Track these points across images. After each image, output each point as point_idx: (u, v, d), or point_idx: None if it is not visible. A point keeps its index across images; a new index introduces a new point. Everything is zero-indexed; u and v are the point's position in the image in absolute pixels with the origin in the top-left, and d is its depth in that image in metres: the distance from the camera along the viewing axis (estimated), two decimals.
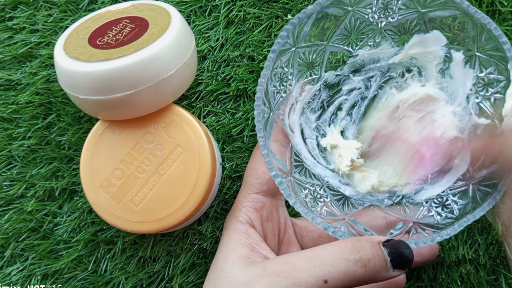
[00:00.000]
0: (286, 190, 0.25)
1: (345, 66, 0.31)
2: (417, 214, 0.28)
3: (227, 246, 0.27)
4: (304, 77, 0.30)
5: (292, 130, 0.30)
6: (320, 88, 0.31)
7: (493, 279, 0.33)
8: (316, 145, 0.31)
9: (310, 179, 0.29)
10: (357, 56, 0.31)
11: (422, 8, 0.28)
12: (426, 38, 0.29)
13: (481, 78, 0.28)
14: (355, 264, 0.23)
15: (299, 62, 0.29)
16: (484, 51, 0.27)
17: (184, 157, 0.30)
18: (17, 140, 0.36)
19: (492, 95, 0.27)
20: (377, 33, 0.30)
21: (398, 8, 0.28)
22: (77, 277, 0.34)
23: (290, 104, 0.29)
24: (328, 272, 0.23)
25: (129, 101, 0.29)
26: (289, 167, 0.28)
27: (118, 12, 0.33)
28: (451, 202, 0.28)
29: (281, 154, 0.28)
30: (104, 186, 0.30)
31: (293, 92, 0.29)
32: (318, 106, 0.31)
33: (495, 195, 0.25)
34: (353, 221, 0.28)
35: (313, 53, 0.29)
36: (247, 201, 0.29)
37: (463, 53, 0.28)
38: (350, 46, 0.31)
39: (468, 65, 0.28)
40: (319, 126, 0.31)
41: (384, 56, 0.31)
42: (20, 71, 0.37)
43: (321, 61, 0.30)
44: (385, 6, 0.29)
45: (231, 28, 0.35)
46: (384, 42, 0.30)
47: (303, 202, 0.27)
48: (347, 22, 0.29)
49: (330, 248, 0.24)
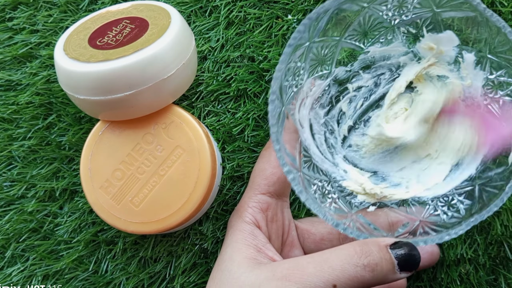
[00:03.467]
0: (298, 186, 0.25)
1: (356, 62, 0.30)
2: (423, 213, 0.28)
3: (233, 247, 0.27)
4: (315, 72, 0.29)
5: (301, 125, 0.29)
6: (329, 84, 0.30)
7: (493, 279, 0.32)
8: (324, 141, 0.30)
9: (318, 175, 0.28)
10: (368, 53, 0.30)
11: (437, 7, 0.27)
12: (438, 38, 0.28)
13: (491, 80, 0.27)
14: (364, 269, 0.23)
15: (312, 57, 0.28)
16: (496, 53, 0.26)
17: (184, 158, 0.29)
18: (17, 140, 0.35)
19: (501, 98, 0.27)
20: (389, 30, 0.29)
21: (413, 6, 0.28)
22: (78, 277, 0.34)
23: (300, 99, 0.29)
24: (337, 277, 0.23)
25: (129, 102, 0.28)
26: (299, 162, 0.28)
27: (118, 13, 0.32)
28: (457, 202, 0.27)
29: (292, 149, 0.27)
30: (104, 187, 0.29)
31: (304, 87, 0.28)
32: (327, 101, 0.31)
33: (503, 197, 0.24)
34: (361, 217, 0.27)
35: (326, 48, 0.29)
36: (253, 202, 0.28)
37: (474, 54, 0.27)
38: (361, 43, 0.30)
39: (479, 67, 0.27)
40: (327, 121, 0.31)
41: (395, 54, 0.30)
42: (20, 72, 0.36)
43: (332, 57, 0.29)
44: (400, 4, 0.28)
45: (231, 28, 0.35)
46: (395, 40, 0.30)
47: (314, 198, 0.26)
48: (361, 18, 0.28)
49: (339, 252, 0.24)
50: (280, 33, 0.34)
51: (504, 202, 0.24)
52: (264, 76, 0.34)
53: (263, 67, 0.34)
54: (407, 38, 0.30)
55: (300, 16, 0.34)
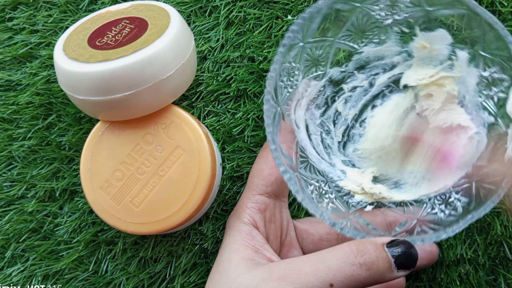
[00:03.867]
0: (295, 186, 0.25)
1: (350, 62, 0.30)
2: (421, 211, 0.27)
3: (231, 247, 0.27)
4: (310, 72, 0.29)
5: (297, 126, 0.29)
6: (325, 84, 0.30)
7: (492, 279, 0.32)
8: (321, 141, 0.30)
9: (315, 175, 0.28)
10: (362, 53, 0.30)
11: (429, 6, 0.27)
12: (431, 36, 0.28)
13: (484, 77, 0.27)
14: (360, 267, 0.23)
15: (306, 57, 0.28)
16: (489, 50, 0.26)
17: (184, 158, 0.29)
18: (17, 140, 0.35)
19: (496, 94, 0.26)
20: (383, 30, 0.29)
21: (405, 5, 0.28)
22: (78, 277, 0.33)
23: (296, 99, 0.28)
24: (333, 276, 0.23)
25: (128, 102, 0.28)
26: (296, 162, 0.27)
27: (118, 13, 0.32)
28: (454, 200, 0.27)
29: (288, 149, 0.27)
30: (104, 187, 0.29)
31: (299, 88, 0.28)
32: (323, 102, 0.30)
33: (500, 192, 0.24)
34: (358, 217, 0.27)
35: (320, 48, 0.29)
36: (251, 202, 0.28)
37: (467, 52, 0.27)
38: (355, 43, 0.30)
39: (473, 64, 0.27)
40: (323, 122, 0.30)
41: (389, 53, 0.30)
42: (20, 72, 0.36)
43: (326, 57, 0.29)
44: (392, 3, 0.28)
45: (231, 29, 0.34)
46: (389, 40, 0.29)
47: (310, 198, 0.26)
48: (354, 18, 0.28)
49: (335, 252, 0.24)
50: (280, 34, 0.34)
51: (501, 198, 0.24)
52: (264, 76, 0.34)
53: (263, 68, 0.33)
54: (401, 37, 0.29)
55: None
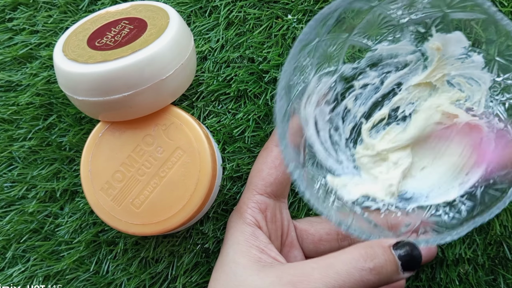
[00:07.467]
0: (303, 184, 0.24)
1: (363, 59, 0.29)
2: (425, 213, 0.27)
3: (235, 248, 0.26)
4: (322, 68, 0.28)
5: (306, 122, 0.28)
6: (336, 81, 0.29)
7: (492, 279, 0.31)
8: (329, 137, 0.29)
9: (321, 172, 0.27)
10: (376, 51, 0.29)
11: (448, 8, 0.26)
12: (447, 38, 0.27)
13: (497, 83, 0.26)
14: (370, 272, 0.22)
15: (319, 54, 0.27)
16: (505, 56, 0.25)
17: (185, 159, 0.28)
18: (17, 141, 0.34)
19: (507, 101, 0.26)
20: (398, 29, 0.28)
21: (423, 6, 0.26)
22: (79, 278, 0.33)
23: (306, 96, 0.27)
24: (343, 282, 0.22)
25: (128, 102, 0.27)
26: (303, 159, 0.26)
27: (117, 13, 0.31)
28: (458, 203, 0.26)
29: (297, 146, 0.26)
30: (104, 189, 0.28)
31: (310, 84, 0.27)
32: (333, 98, 0.29)
33: (505, 200, 0.23)
34: (363, 215, 0.26)
35: (333, 45, 0.27)
36: (252, 202, 0.27)
37: (483, 56, 0.26)
38: (369, 40, 0.29)
39: (486, 69, 0.26)
40: (332, 118, 0.29)
41: (403, 52, 0.29)
42: (20, 72, 0.35)
43: (339, 54, 0.28)
44: (410, 3, 0.27)
45: (231, 29, 0.33)
46: (403, 39, 0.28)
47: (316, 196, 0.25)
48: (370, 16, 0.27)
49: (343, 257, 0.23)
50: (280, 33, 0.33)
51: (506, 205, 0.23)
52: (264, 77, 0.32)
53: (262, 68, 0.32)
54: (416, 37, 0.28)
55: (300, 16, 0.33)
